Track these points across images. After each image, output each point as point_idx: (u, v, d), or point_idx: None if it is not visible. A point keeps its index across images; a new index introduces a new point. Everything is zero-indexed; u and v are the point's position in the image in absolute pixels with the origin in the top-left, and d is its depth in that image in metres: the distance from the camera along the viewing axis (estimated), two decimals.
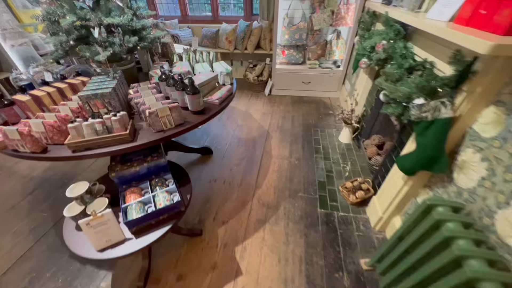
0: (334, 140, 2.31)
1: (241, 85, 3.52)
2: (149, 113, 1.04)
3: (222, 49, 3.41)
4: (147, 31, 1.35)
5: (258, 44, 3.34)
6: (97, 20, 1.11)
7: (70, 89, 1.21)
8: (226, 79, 1.60)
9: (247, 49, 3.33)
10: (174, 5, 3.70)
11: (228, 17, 3.59)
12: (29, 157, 0.97)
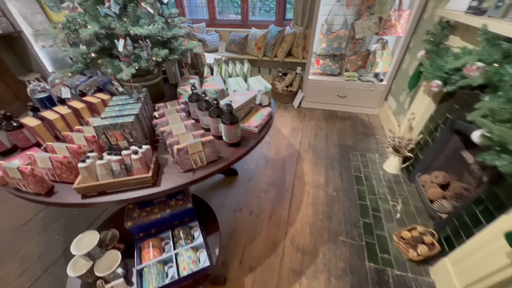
0: (378, 168, 1.98)
1: None
2: (178, 149, 0.82)
3: (250, 56, 3.19)
4: (179, 41, 1.15)
5: (290, 51, 3.08)
6: (122, 30, 0.91)
7: (88, 109, 1.03)
8: (263, 99, 1.35)
9: (277, 56, 3.08)
10: (202, 8, 3.56)
11: (258, 22, 3.37)
12: (31, 199, 0.79)
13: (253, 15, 3.43)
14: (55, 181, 0.84)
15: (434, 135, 1.58)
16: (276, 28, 3.02)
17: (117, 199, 0.77)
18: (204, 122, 1.09)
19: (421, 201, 1.63)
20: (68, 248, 1.43)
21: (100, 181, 0.78)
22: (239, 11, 3.40)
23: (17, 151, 0.99)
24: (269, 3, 3.33)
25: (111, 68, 0.95)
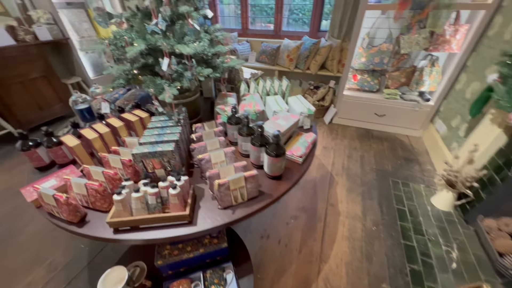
0: (425, 202, 1.74)
1: None
2: (219, 185, 0.73)
3: (281, 67, 3.10)
4: (221, 59, 1.07)
5: (323, 64, 2.94)
6: (168, 48, 0.85)
7: (126, 127, 0.98)
8: (305, 122, 1.23)
9: (309, 69, 2.95)
10: (235, 18, 3.57)
11: (291, 33, 3.28)
12: (63, 227, 0.74)
13: (286, 26, 3.36)
14: (88, 208, 0.79)
15: (504, 173, 1.33)
16: (310, 40, 2.91)
17: (150, 237, 0.69)
18: (243, 148, 1.00)
19: (483, 250, 1.37)
20: (92, 261, 1.41)
21: (135, 216, 0.71)
22: (271, 20, 3.35)
23: (55, 167, 0.98)
24: (303, 14, 3.24)
25: (152, 87, 0.89)
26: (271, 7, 3.26)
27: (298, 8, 3.21)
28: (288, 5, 3.19)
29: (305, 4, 3.13)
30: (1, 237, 1.54)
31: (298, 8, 3.22)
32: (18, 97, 2.38)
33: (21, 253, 1.44)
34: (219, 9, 3.53)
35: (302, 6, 3.18)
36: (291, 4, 3.18)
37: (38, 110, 2.58)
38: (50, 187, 0.82)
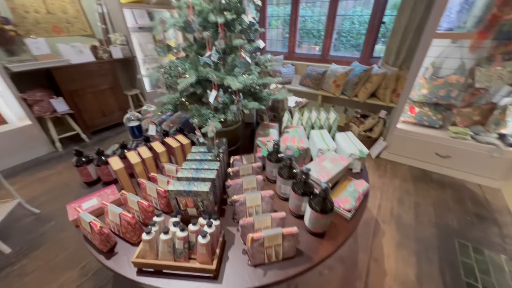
0: (508, 279, 1.33)
1: None
2: (252, 239, 0.63)
3: (326, 92, 2.97)
4: (268, 91, 1.02)
5: (374, 92, 2.71)
6: (217, 81, 0.83)
7: (167, 153, 0.99)
8: (355, 164, 1.07)
9: (357, 96, 2.75)
10: (282, 41, 3.62)
11: (340, 58, 3.16)
12: (93, 255, 0.73)
13: (334, 50, 3.25)
14: (119, 236, 0.78)
15: None
16: (361, 66, 2.73)
17: (172, 287, 0.63)
18: (282, 191, 0.89)
19: None
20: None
21: (160, 259, 0.65)
22: (318, 42, 3.28)
23: (100, 183, 1.02)
24: (352, 36, 3.09)
25: (197, 117, 0.88)
26: (319, 29, 3.22)
27: (349, 31, 3.09)
28: (338, 28, 3.10)
29: (357, 28, 3.00)
30: (53, 230, 1.69)
31: (349, 32, 3.10)
32: (88, 104, 2.77)
33: (63, 250, 1.55)
34: (267, 33, 3.65)
35: (353, 30, 3.05)
36: (342, 27, 3.08)
37: (102, 116, 2.95)
38: (90, 207, 0.85)
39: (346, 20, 3.03)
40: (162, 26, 0.85)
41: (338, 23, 3.03)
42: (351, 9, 2.95)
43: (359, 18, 2.94)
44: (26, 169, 2.30)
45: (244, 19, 0.86)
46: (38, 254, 1.52)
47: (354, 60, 2.97)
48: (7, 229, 1.66)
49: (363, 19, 2.88)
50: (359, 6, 2.90)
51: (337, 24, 3.02)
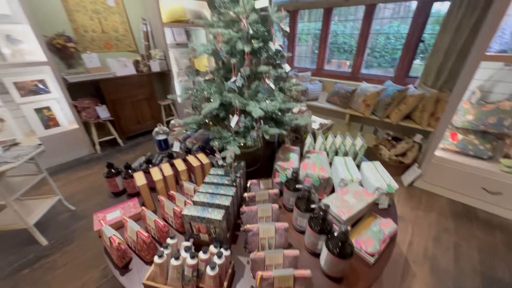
0: None
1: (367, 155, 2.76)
2: (262, 278, 0.60)
3: (354, 111, 2.84)
4: (290, 116, 1.00)
5: (409, 114, 2.51)
6: (240, 106, 0.84)
7: (187, 171, 1.01)
8: (382, 200, 0.98)
9: (389, 117, 2.57)
10: (312, 58, 3.61)
11: (371, 76, 3.02)
12: (110, 268, 0.76)
13: (367, 67, 3.12)
14: (135, 252, 0.80)
15: None
16: (394, 86, 2.57)
17: None
18: (298, 223, 0.85)
19: None
20: None
21: (168, 285, 0.66)
22: (349, 57, 3.19)
23: (125, 194, 1.09)
24: (386, 52, 2.93)
25: (218, 140, 0.89)
26: (351, 45, 3.13)
27: (383, 48, 2.95)
28: (371, 44, 2.98)
29: (392, 44, 2.85)
30: (83, 228, 1.83)
31: (383, 48, 2.96)
32: (126, 112, 3.04)
33: (89, 250, 1.66)
34: (296, 50, 3.67)
35: (388, 46, 2.91)
36: (376, 42, 2.95)
37: (136, 123, 3.21)
38: (113, 218, 0.90)
39: (381, 36, 2.89)
40: (193, 53, 0.90)
41: (372, 39, 2.92)
42: (387, 24, 2.82)
43: (395, 34, 2.79)
44: (69, 168, 2.58)
45: (271, 47, 0.87)
46: (68, 250, 1.65)
47: (387, 79, 2.82)
48: (46, 223, 1.84)
49: (400, 35, 2.73)
50: (396, 21, 2.77)
51: (370, 39, 2.91)
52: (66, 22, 2.62)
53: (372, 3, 2.68)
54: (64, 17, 2.59)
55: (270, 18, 0.89)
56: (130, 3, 3.06)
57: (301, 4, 3.25)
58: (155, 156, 1.23)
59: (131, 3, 3.07)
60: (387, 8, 2.81)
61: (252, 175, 1.19)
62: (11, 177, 1.69)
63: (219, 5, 0.86)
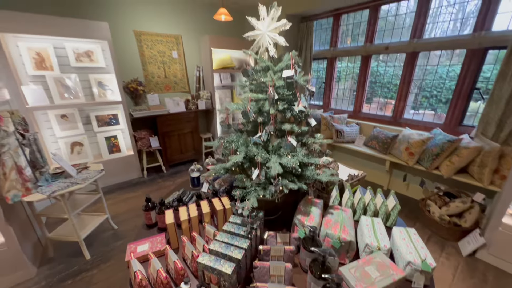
0: None
1: (409, 209, 2.43)
2: None
3: (395, 158, 2.62)
4: (312, 171, 1.01)
5: (464, 167, 2.19)
6: (261, 160, 0.91)
7: (210, 214, 1.09)
8: (417, 278, 0.85)
9: (439, 169, 2.29)
10: (349, 100, 3.60)
11: (415, 122, 2.82)
12: None
13: (407, 113, 2.93)
14: None
15: None
16: (444, 135, 2.33)
17: None
18: None
19: None
20: None
21: None
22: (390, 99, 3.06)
23: (156, 227, 1.20)
24: (438, 99, 2.70)
25: (239, 190, 0.96)
26: (393, 86, 3.03)
27: (430, 90, 2.76)
28: (415, 86, 2.83)
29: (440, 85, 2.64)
30: (119, 248, 2.02)
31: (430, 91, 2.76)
32: (173, 143, 3.45)
33: (120, 271, 1.79)
34: (333, 92, 3.74)
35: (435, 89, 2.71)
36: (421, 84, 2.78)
37: (179, 153, 3.59)
38: (142, 251, 1.00)
39: (427, 75, 2.71)
40: (226, 111, 1.05)
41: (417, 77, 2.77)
42: (435, 65, 2.64)
43: (444, 74, 2.58)
44: (119, 189, 2.97)
45: (295, 109, 0.95)
46: (104, 268, 1.81)
47: (435, 126, 2.58)
48: (92, 238, 2.10)
49: (451, 75, 2.50)
50: (445, 60, 2.58)
51: (417, 78, 2.77)
52: (140, 71, 3.31)
53: (414, 51, 2.65)
54: (139, 67, 3.29)
55: (296, 82, 0.99)
56: (189, 55, 3.71)
57: (339, 52, 3.42)
58: (187, 193, 1.36)
59: (189, 55, 3.72)
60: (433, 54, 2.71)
61: (272, 224, 1.19)
62: (76, 194, 2.04)
63: (251, 74, 1.01)
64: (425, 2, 2.47)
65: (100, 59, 2.78)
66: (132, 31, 3.12)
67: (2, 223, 1.51)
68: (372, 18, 2.94)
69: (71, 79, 2.61)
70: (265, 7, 0.96)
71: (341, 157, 3.46)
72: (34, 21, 2.22)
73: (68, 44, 2.57)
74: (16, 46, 2.32)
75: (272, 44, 0.96)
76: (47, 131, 2.64)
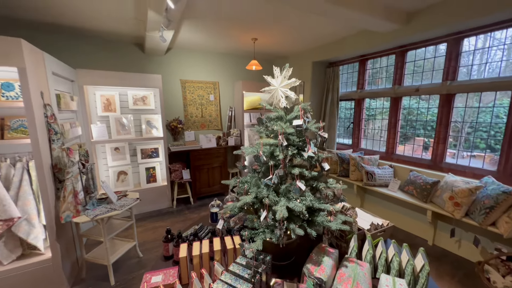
0: None
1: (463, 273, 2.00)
2: None
3: (439, 209, 2.30)
4: (323, 218, 1.00)
5: None
6: (269, 202, 0.95)
7: (221, 252, 1.12)
8: None
9: (495, 225, 1.92)
10: (381, 140, 3.44)
11: (460, 167, 2.51)
12: None
13: (453, 157, 2.64)
14: None
15: None
16: (498, 185, 2.00)
17: None
18: None
19: None
20: None
21: None
22: (428, 136, 2.81)
23: (172, 259, 1.27)
24: (487, 142, 2.39)
25: (248, 230, 0.99)
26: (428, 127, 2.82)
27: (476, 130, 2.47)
28: (456, 121, 2.59)
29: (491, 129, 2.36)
30: (140, 277, 2.09)
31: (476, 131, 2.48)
32: (202, 177, 3.68)
33: None
34: (362, 132, 3.65)
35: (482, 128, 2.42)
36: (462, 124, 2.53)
37: (207, 186, 3.77)
38: (155, 282, 1.06)
39: (471, 115, 2.44)
40: (243, 153, 1.16)
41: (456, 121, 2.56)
42: (478, 107, 2.44)
43: (495, 114, 2.31)
44: (149, 217, 3.18)
45: (304, 154, 1.01)
46: None
47: (488, 174, 2.25)
48: (119, 264, 2.23)
49: (500, 111, 2.22)
50: (489, 99, 2.36)
51: (455, 122, 2.55)
52: (181, 111, 3.82)
53: (449, 93, 2.53)
54: (181, 108, 3.82)
55: (307, 129, 1.07)
56: (223, 98, 4.19)
57: (366, 93, 3.45)
58: (204, 228, 1.43)
59: (224, 98, 4.19)
60: None
61: (283, 271, 1.14)
62: (112, 219, 2.28)
63: (265, 122, 1.13)
64: (455, 46, 2.44)
65: (151, 102, 3.35)
66: (179, 80, 3.74)
67: (53, 240, 1.77)
68: (399, 62, 2.98)
69: (127, 119, 3.16)
70: (278, 68, 1.12)
71: (372, 201, 3.18)
72: (108, 77, 2.88)
73: (130, 92, 3.20)
74: (93, 94, 2.99)
75: (284, 97, 1.09)
76: (102, 161, 3.13)
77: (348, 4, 2.04)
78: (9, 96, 1.69)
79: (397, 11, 2.39)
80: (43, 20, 2.52)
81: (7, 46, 1.51)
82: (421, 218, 2.61)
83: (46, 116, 1.76)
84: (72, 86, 2.64)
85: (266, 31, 2.94)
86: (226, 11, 2.34)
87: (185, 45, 3.53)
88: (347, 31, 2.98)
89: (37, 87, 1.71)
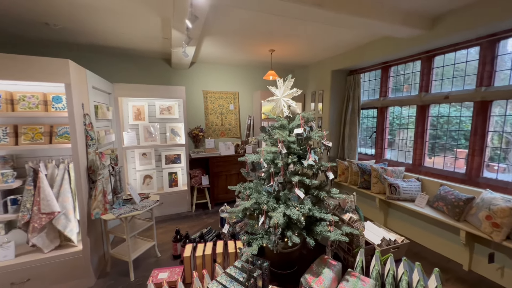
0: None
1: None
2: None
3: (474, 229, 2.05)
4: (323, 226, 0.99)
5: None
6: (266, 208, 0.97)
7: (223, 255, 1.15)
8: None
9: None
10: (406, 152, 3.20)
11: (499, 183, 2.21)
12: None
13: (490, 171, 2.35)
14: None
15: None
16: None
17: None
18: None
19: None
20: None
21: None
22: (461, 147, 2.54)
23: (178, 259, 1.34)
24: None
25: (247, 234, 1.02)
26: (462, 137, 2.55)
27: None
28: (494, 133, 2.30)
29: None
30: None
31: None
32: (220, 183, 3.79)
33: None
34: (386, 142, 3.44)
35: None
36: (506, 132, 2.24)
37: (224, 193, 3.86)
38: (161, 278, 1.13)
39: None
40: (246, 160, 1.21)
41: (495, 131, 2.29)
42: None
43: None
44: (170, 220, 3.36)
45: (304, 163, 1.02)
46: None
47: None
48: (139, 262, 2.39)
49: None
50: None
51: (493, 133, 2.29)
52: (202, 120, 4.04)
53: (484, 100, 2.29)
54: (202, 117, 4.04)
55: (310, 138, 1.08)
56: (243, 107, 4.33)
57: (389, 101, 3.28)
58: (211, 231, 1.49)
59: (243, 107, 4.33)
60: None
61: (285, 279, 1.13)
62: (135, 219, 2.47)
63: (268, 130, 1.17)
64: (490, 49, 2.23)
65: (176, 112, 3.62)
66: (201, 90, 3.99)
67: (84, 234, 1.98)
68: (425, 68, 2.80)
69: (154, 127, 3.45)
70: (282, 79, 1.17)
71: (397, 217, 2.93)
72: (140, 89, 3.21)
73: (157, 102, 3.51)
74: (126, 105, 3.35)
75: (286, 107, 1.13)
76: (131, 165, 3.43)
77: (367, 14, 2.03)
78: (58, 107, 2.00)
79: (421, 16, 2.29)
80: (89, 42, 2.95)
81: (57, 66, 1.81)
82: (453, 239, 2.33)
83: (85, 124, 2.03)
84: (109, 98, 3.00)
85: (283, 42, 3.02)
86: (242, 27, 2.49)
87: (207, 59, 3.78)
88: (368, 38, 2.92)
89: (79, 100, 1.99)
